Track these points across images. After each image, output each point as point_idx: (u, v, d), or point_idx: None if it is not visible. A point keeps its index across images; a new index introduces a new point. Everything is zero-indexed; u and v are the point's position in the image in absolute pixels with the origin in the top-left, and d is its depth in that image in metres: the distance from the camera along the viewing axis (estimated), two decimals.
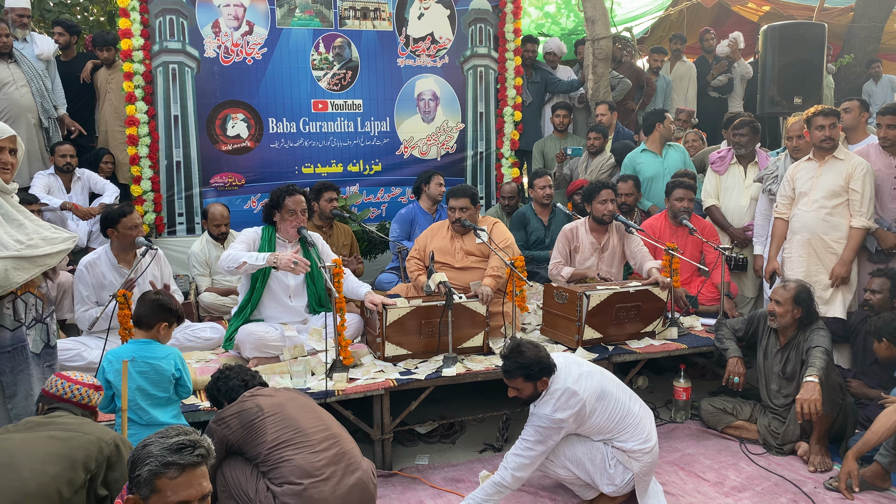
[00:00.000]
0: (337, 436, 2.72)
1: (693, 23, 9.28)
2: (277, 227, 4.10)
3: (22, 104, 5.57)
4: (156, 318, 2.98)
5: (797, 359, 3.72)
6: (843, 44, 8.61)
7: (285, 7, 6.03)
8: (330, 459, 2.62)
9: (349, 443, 2.75)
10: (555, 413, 3.00)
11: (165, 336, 3.03)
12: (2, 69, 5.51)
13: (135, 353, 2.90)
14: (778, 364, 3.80)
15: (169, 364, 2.92)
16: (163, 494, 1.81)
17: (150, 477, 1.81)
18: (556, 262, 4.69)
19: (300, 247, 4.15)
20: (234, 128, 6.03)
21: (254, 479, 2.60)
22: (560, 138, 6.69)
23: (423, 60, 6.48)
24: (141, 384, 2.87)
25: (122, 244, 4.09)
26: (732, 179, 5.16)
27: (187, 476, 1.83)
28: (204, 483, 1.87)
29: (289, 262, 3.72)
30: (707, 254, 4.86)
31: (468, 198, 4.37)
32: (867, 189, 4.15)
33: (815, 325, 3.72)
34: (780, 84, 5.79)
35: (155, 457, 1.83)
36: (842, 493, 3.31)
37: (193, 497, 1.84)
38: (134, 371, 2.86)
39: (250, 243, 4.02)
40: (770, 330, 3.88)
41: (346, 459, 2.67)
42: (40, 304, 3.14)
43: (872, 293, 3.93)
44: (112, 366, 2.90)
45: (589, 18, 7.01)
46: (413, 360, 3.90)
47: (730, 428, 3.96)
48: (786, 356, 3.77)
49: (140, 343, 2.97)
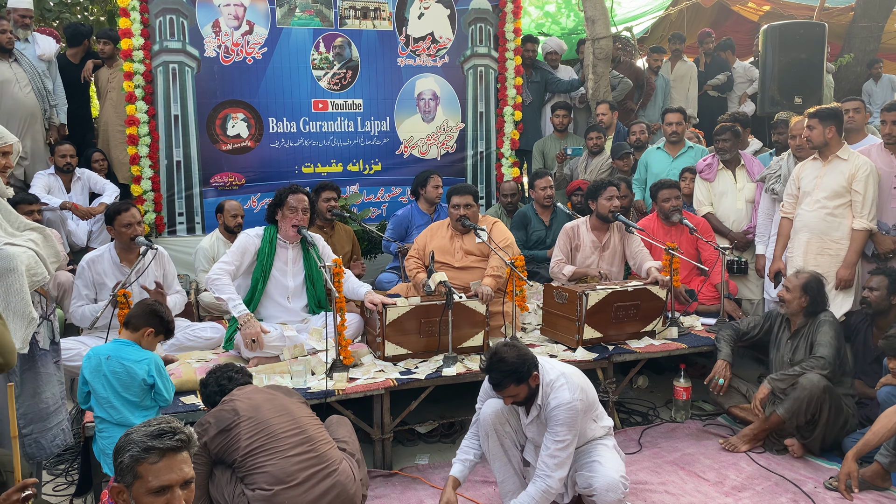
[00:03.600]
0: (311, 439, 2.70)
1: (693, 23, 9.28)
2: (279, 226, 4.10)
3: (26, 104, 5.60)
4: (143, 323, 2.98)
5: (805, 348, 3.81)
6: (843, 44, 8.61)
7: (285, 7, 6.03)
8: (302, 464, 2.62)
9: (324, 445, 2.73)
10: (574, 394, 2.90)
11: (149, 343, 3.00)
12: (4, 68, 5.52)
13: (111, 352, 2.91)
14: (788, 352, 3.88)
15: (141, 369, 2.89)
16: (144, 480, 1.84)
17: (131, 463, 1.84)
18: (558, 260, 4.69)
19: (301, 248, 4.15)
20: (234, 127, 6.03)
21: (231, 484, 2.64)
22: (560, 138, 6.69)
23: (424, 60, 6.48)
24: (113, 383, 2.87)
25: (123, 243, 4.10)
26: (724, 185, 5.17)
27: (168, 461, 1.86)
28: (185, 468, 1.89)
29: (249, 335, 3.72)
30: (703, 251, 4.86)
31: (471, 195, 4.37)
32: (870, 190, 4.15)
33: (822, 317, 3.80)
34: (780, 84, 5.79)
35: (136, 443, 1.86)
36: (841, 494, 3.31)
37: (174, 482, 1.86)
38: (107, 370, 2.87)
39: (243, 254, 4.02)
40: (783, 321, 3.98)
41: (320, 464, 2.66)
42: (44, 301, 3.15)
43: (871, 291, 3.95)
44: (89, 362, 2.91)
45: (589, 18, 7.02)
46: (413, 360, 3.89)
47: (737, 408, 4.00)
48: (795, 344, 3.87)
49: (121, 343, 2.97)
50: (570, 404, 2.88)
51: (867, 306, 3.97)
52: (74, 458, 3.65)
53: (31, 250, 2.97)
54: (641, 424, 4.12)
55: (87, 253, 4.14)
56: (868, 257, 4.31)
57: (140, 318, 2.99)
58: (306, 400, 3.03)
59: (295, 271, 4.14)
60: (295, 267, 4.14)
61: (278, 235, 4.11)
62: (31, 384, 3.04)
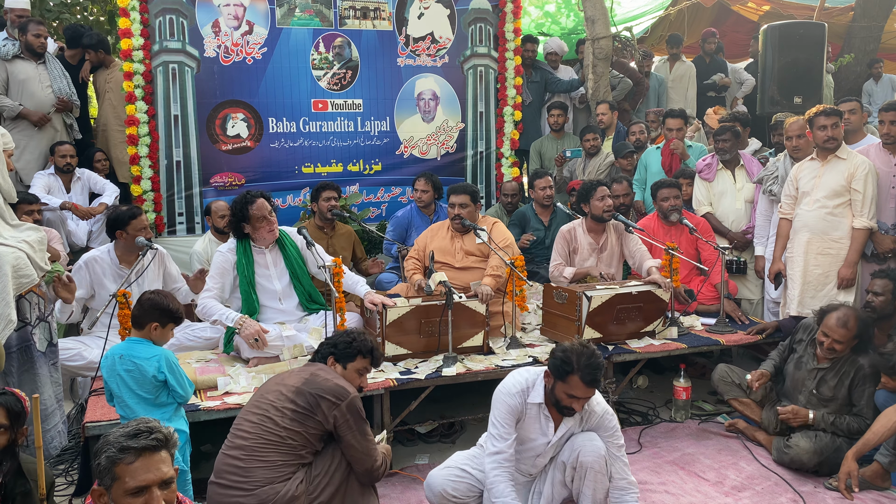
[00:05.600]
0: (250, 449, 2.55)
1: (693, 22, 9.27)
2: (252, 237, 4.02)
3: (45, 103, 5.66)
4: (146, 319, 2.96)
5: (838, 386, 3.58)
6: (843, 43, 8.61)
7: (285, 7, 6.03)
8: (228, 469, 2.56)
9: (256, 462, 2.53)
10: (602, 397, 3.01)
11: (158, 336, 2.97)
12: (31, 68, 5.63)
13: (124, 351, 2.91)
14: (812, 381, 3.66)
15: (151, 366, 2.87)
16: (122, 481, 1.83)
17: (108, 464, 1.84)
18: (557, 264, 4.68)
19: (279, 249, 4.12)
20: (234, 127, 6.03)
21: None
22: (557, 138, 6.69)
23: (423, 60, 6.48)
24: (127, 381, 2.87)
25: (129, 246, 4.09)
26: (723, 185, 5.17)
27: (144, 461, 1.84)
28: (164, 468, 1.87)
29: (250, 335, 3.70)
30: (703, 251, 4.86)
31: (468, 195, 4.37)
32: (869, 189, 4.14)
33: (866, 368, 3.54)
34: (780, 84, 5.79)
35: (112, 444, 1.85)
36: (842, 493, 3.31)
37: (152, 482, 1.84)
38: (121, 369, 2.87)
39: (223, 274, 3.97)
40: (808, 343, 3.77)
41: (240, 477, 2.52)
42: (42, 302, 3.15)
43: (875, 295, 3.83)
44: (106, 362, 2.92)
45: (589, 18, 7.01)
46: (413, 360, 3.89)
47: (735, 401, 3.98)
48: (821, 376, 3.63)
49: (133, 341, 2.97)
50: (608, 406, 2.94)
51: (872, 311, 3.84)
52: (74, 458, 3.65)
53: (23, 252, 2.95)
54: (641, 424, 4.12)
55: (86, 253, 4.14)
56: (868, 257, 4.30)
57: (143, 315, 2.98)
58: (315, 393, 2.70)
59: (279, 273, 4.11)
60: (277, 269, 4.11)
61: (253, 244, 4.05)
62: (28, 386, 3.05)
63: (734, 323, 4.56)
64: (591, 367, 2.69)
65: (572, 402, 2.75)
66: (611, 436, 2.89)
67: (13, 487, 2.49)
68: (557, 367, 2.74)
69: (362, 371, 2.89)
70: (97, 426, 3.12)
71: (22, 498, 2.49)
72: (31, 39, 5.58)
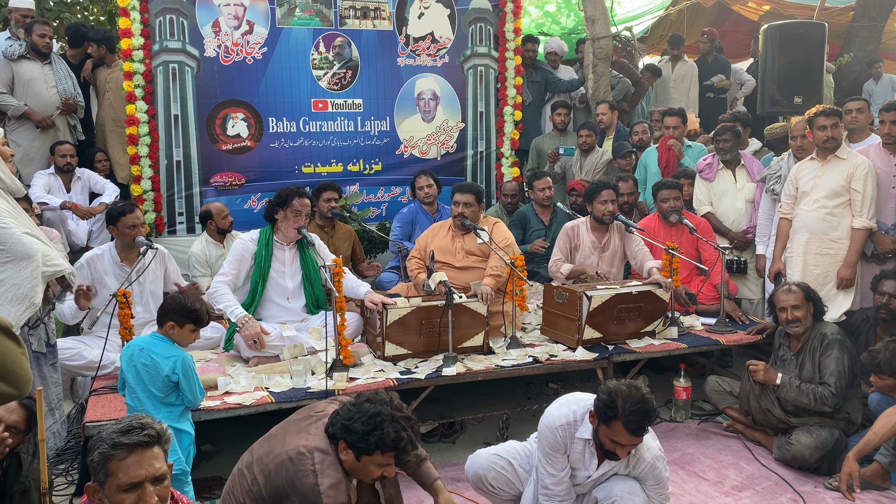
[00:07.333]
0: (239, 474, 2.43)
1: (693, 22, 9.28)
2: (277, 226, 4.08)
3: (50, 103, 5.68)
4: (165, 316, 2.97)
5: (812, 364, 3.66)
6: (843, 44, 8.61)
7: (285, 6, 6.02)
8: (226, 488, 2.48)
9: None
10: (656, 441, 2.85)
11: (176, 336, 2.96)
12: (36, 68, 5.66)
13: (146, 345, 2.94)
14: (794, 369, 3.73)
15: (167, 365, 2.88)
16: (115, 477, 1.83)
17: (101, 461, 1.84)
18: (556, 259, 4.69)
19: (297, 250, 4.14)
20: (234, 127, 6.03)
21: None
22: (560, 136, 6.70)
23: (424, 60, 6.48)
24: (142, 374, 2.88)
25: (124, 243, 4.10)
26: (723, 185, 5.17)
27: (137, 456, 1.85)
28: (156, 464, 1.88)
29: (250, 336, 3.71)
30: (703, 251, 4.86)
31: (474, 195, 4.38)
32: (869, 189, 4.14)
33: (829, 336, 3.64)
34: (780, 84, 5.79)
35: (104, 440, 1.86)
36: (842, 493, 3.31)
37: (144, 477, 1.85)
38: (138, 361, 2.88)
39: (240, 261, 4.00)
40: (782, 341, 3.87)
41: None
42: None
43: (891, 297, 3.83)
44: (127, 351, 2.94)
45: (589, 18, 7.02)
46: (413, 360, 3.89)
47: (730, 409, 4.07)
48: (801, 360, 3.72)
49: (157, 337, 2.98)
50: (660, 453, 2.70)
51: (887, 312, 3.85)
52: (74, 458, 3.65)
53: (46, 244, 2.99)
54: None
55: (87, 252, 4.14)
56: (867, 257, 4.30)
57: (162, 313, 2.98)
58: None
59: (293, 272, 4.13)
60: (292, 268, 4.13)
61: (275, 237, 4.09)
62: None
63: (734, 323, 4.56)
64: (637, 414, 2.46)
65: (616, 447, 2.54)
66: (656, 487, 2.69)
67: (11, 485, 2.49)
68: (601, 410, 2.53)
69: (382, 464, 2.36)
70: (97, 426, 3.11)
71: (20, 496, 2.49)
72: (37, 40, 5.61)
